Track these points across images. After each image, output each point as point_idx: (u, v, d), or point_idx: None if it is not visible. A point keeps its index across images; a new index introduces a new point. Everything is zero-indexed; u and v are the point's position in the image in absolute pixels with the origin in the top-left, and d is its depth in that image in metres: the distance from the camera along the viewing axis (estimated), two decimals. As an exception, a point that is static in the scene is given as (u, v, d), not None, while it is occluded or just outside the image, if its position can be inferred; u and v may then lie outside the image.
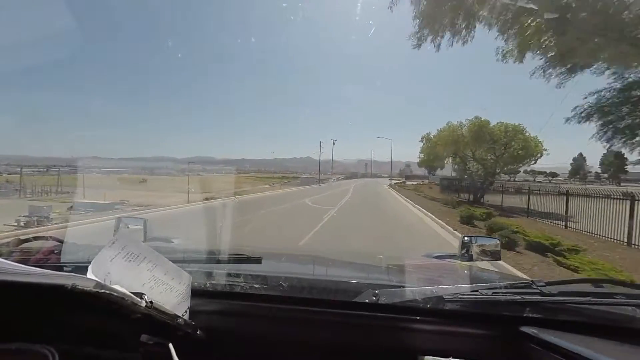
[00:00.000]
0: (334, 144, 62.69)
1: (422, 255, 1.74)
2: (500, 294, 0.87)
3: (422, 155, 27.21)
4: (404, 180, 62.02)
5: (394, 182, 49.68)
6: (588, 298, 0.83)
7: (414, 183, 49.47)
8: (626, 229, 7.94)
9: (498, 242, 1.53)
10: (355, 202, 18.04)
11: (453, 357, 0.79)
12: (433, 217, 11.82)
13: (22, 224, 9.23)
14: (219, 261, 1.16)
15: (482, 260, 1.51)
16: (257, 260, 1.09)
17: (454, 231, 8.99)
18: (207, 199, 16.52)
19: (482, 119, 19.35)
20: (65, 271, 0.87)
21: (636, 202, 8.12)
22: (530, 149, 18.46)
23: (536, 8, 5.92)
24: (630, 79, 8.58)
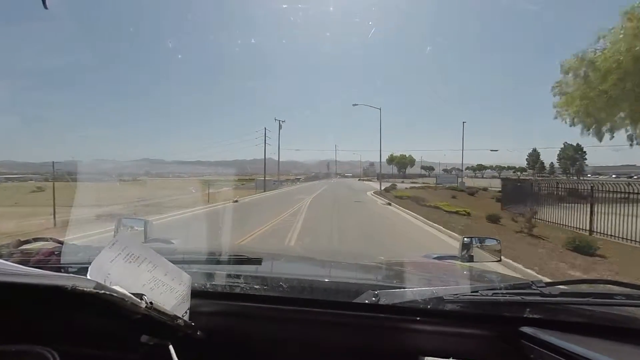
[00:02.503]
0: (280, 126, 38.77)
1: (422, 255, 1.75)
2: (501, 294, 0.87)
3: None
4: (391, 183, 33.65)
5: (377, 186, 29.17)
6: (588, 299, 0.83)
7: (407, 186, 31.56)
8: None
9: (498, 242, 1.53)
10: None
11: (453, 358, 0.79)
12: None
13: None
14: (219, 262, 1.16)
15: (483, 261, 1.51)
16: (257, 261, 1.09)
17: None
18: (98, 216, 11.14)
19: None
20: (65, 272, 0.87)
21: None
22: None
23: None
24: None
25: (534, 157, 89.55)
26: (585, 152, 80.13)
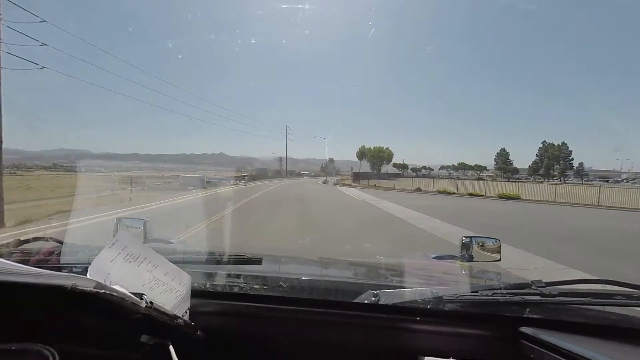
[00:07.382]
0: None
1: (422, 255, 1.75)
2: (500, 294, 0.87)
3: None
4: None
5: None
6: (588, 299, 0.83)
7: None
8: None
9: (498, 242, 1.53)
10: None
11: (453, 358, 0.80)
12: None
13: None
14: (219, 262, 1.16)
15: (482, 260, 1.51)
16: (257, 261, 1.09)
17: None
18: None
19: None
20: (66, 272, 0.87)
21: None
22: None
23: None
24: None
25: (503, 157, 79.73)
26: (571, 151, 71.84)
